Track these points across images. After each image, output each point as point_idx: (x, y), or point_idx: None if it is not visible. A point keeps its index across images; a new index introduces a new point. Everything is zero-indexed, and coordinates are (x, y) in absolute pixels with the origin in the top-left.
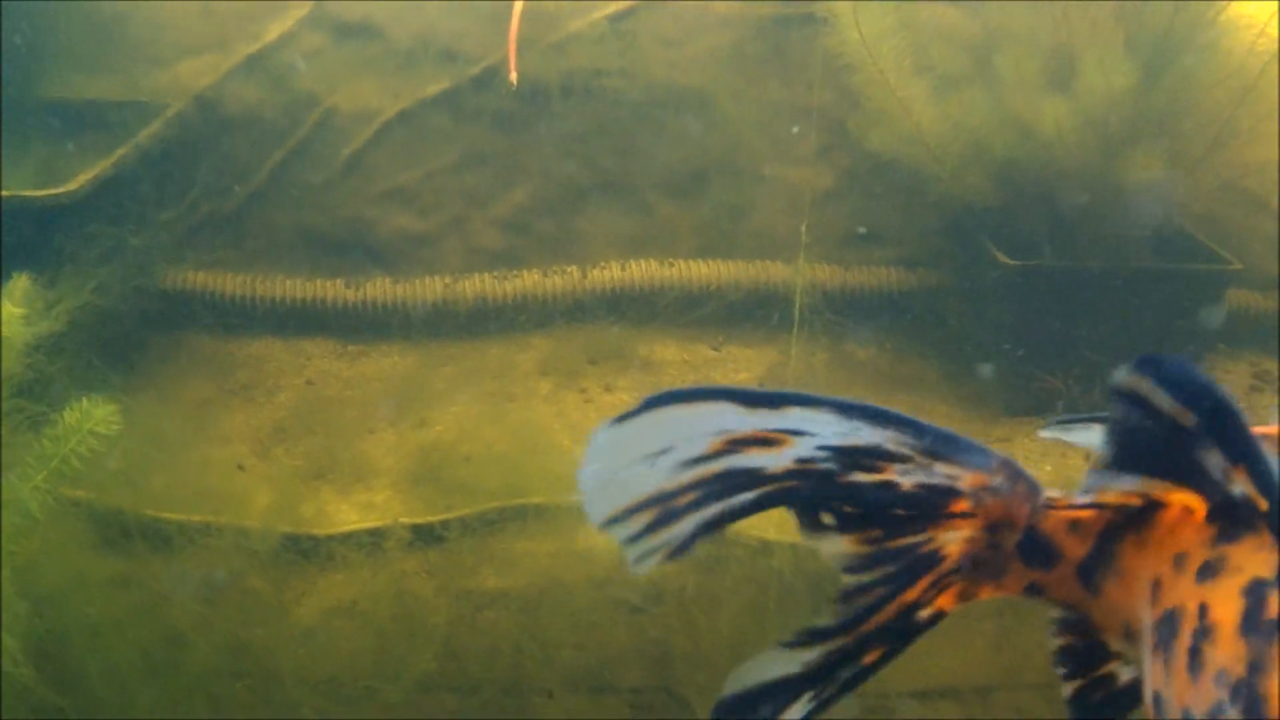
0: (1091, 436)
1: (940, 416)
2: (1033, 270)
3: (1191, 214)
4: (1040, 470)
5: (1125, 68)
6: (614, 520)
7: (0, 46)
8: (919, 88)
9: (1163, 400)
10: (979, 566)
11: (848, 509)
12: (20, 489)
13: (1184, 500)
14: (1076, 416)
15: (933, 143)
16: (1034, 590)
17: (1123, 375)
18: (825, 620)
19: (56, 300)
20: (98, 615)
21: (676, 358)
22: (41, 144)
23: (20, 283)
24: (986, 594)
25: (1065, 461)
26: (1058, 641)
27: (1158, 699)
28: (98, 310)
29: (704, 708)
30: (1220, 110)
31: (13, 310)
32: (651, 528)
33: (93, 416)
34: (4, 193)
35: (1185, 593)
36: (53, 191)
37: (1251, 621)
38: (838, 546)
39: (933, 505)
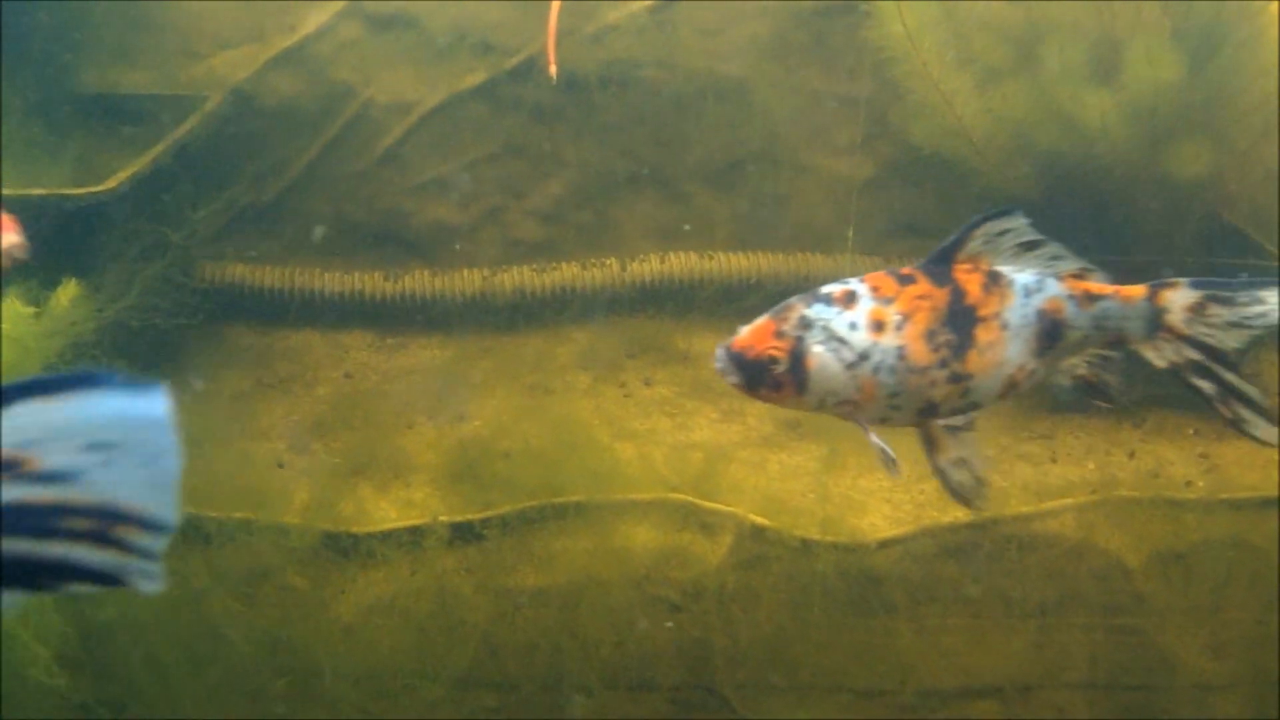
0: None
1: (982, 412)
2: None
3: (1237, 206)
4: (1084, 468)
5: (1172, 59)
6: None
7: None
8: (962, 80)
9: None
10: None
11: None
12: None
13: None
14: None
15: (975, 135)
16: None
17: None
18: None
19: (103, 304)
20: (139, 611)
21: None
22: (79, 139)
23: (69, 287)
24: None
25: (1109, 459)
26: None
27: None
28: (139, 306)
29: (744, 705)
30: (1267, 100)
31: (22, 310)
32: None
33: None
34: (43, 191)
35: None
36: (92, 189)
37: None
38: None
39: None
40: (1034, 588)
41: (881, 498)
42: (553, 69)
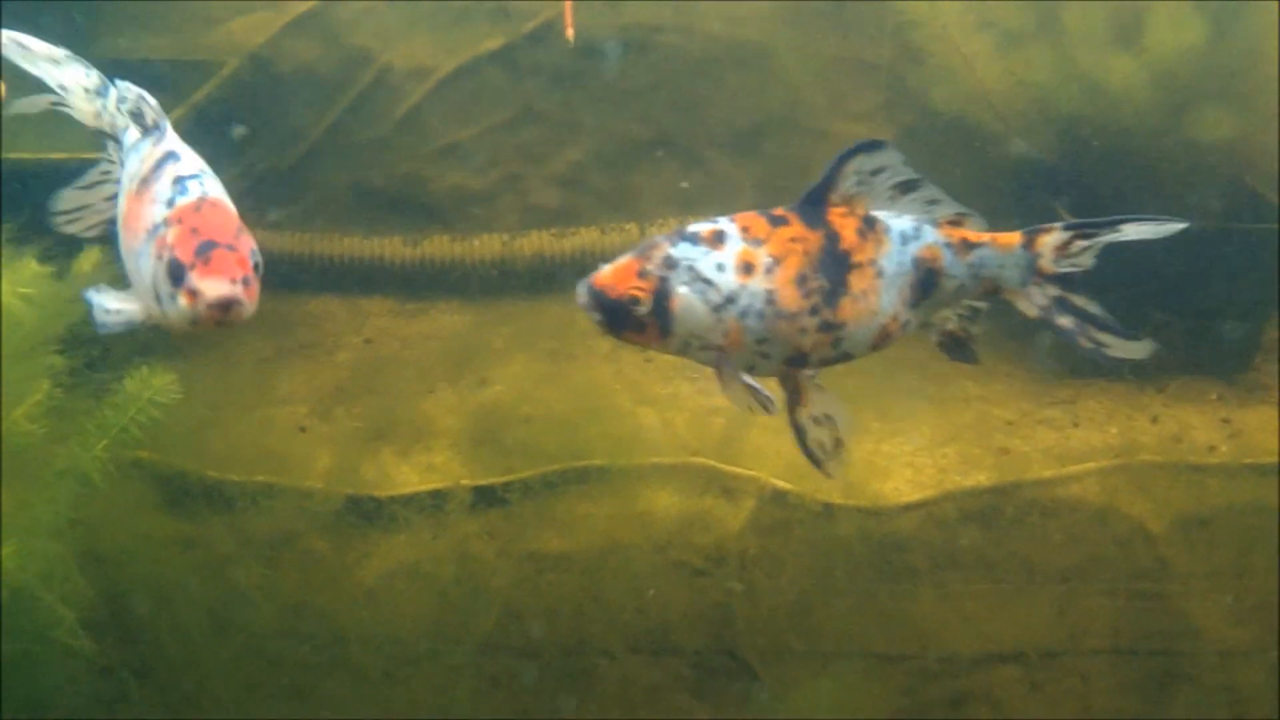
0: None
1: (1003, 376)
2: None
3: (1261, 172)
4: (1106, 433)
5: (1195, 23)
6: None
7: None
8: (983, 43)
9: None
10: None
11: None
12: (81, 457)
13: None
14: None
15: (996, 99)
16: None
17: None
18: None
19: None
20: (162, 575)
21: None
22: None
23: (91, 254)
24: None
25: (1131, 424)
26: None
27: None
28: None
29: (766, 671)
30: None
31: (38, 269)
32: None
33: (152, 385)
34: (60, 155)
35: None
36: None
37: None
38: None
39: None
40: (1056, 553)
41: (904, 462)
42: (570, 31)
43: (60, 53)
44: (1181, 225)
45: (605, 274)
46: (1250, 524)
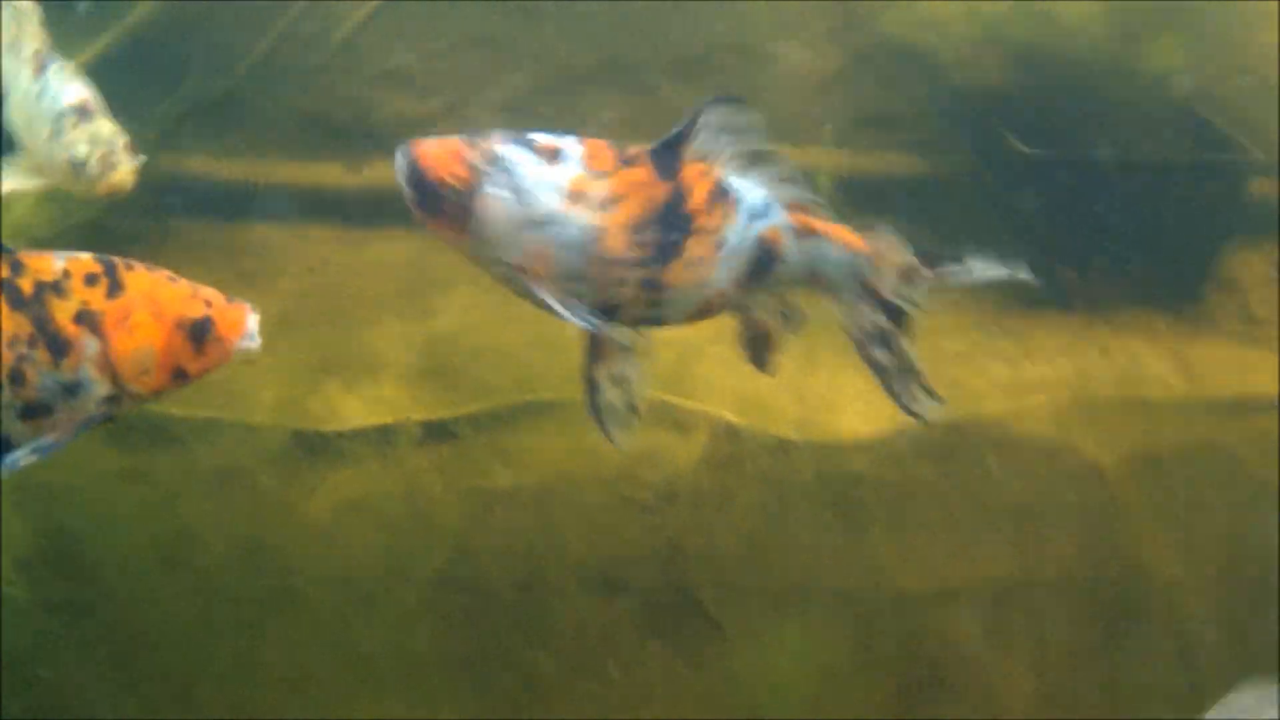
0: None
1: (951, 306)
2: (1050, 160)
3: (1213, 102)
4: (1058, 366)
5: None
6: None
7: None
8: None
9: None
10: None
11: None
12: None
13: None
14: None
15: (948, 26)
16: None
17: None
18: None
19: (55, 197)
20: (108, 510)
21: None
22: None
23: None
24: None
25: (1083, 357)
26: None
27: None
28: (94, 202)
29: (717, 607)
30: None
31: None
32: None
33: None
34: None
35: None
36: None
37: None
38: None
39: None
40: (1009, 489)
41: (855, 396)
42: None
43: None
44: (1026, 276)
45: (431, 147)
46: (1202, 460)
